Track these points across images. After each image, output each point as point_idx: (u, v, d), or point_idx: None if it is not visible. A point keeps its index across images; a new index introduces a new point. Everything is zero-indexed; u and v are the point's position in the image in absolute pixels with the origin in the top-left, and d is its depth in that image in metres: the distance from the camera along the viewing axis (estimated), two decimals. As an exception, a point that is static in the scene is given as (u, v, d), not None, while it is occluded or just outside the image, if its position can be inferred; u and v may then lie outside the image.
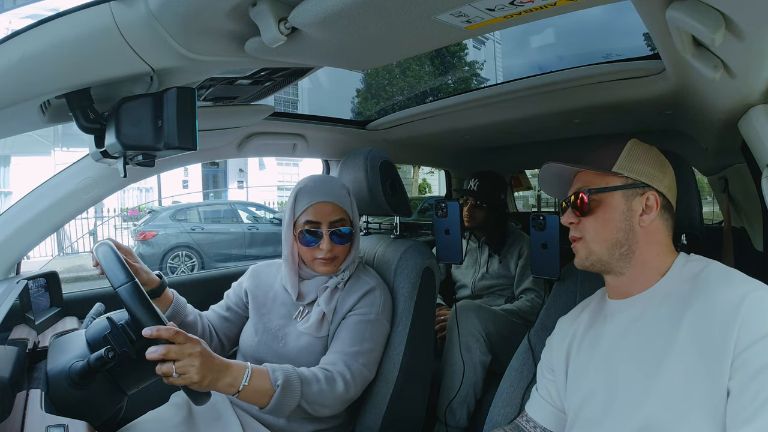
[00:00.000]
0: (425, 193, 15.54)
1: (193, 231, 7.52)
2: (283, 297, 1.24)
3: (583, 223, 0.83)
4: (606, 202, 0.81)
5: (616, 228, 0.80)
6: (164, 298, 1.19)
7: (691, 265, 0.78)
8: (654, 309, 0.77)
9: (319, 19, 0.68)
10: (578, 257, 0.85)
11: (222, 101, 1.30)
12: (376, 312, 1.18)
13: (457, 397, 1.60)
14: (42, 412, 0.78)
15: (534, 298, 1.92)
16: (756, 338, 0.63)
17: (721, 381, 0.65)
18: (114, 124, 0.81)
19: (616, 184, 0.81)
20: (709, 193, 2.58)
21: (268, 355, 1.16)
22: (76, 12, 0.70)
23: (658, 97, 1.22)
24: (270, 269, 1.32)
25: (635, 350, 0.76)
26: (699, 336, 0.69)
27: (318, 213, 1.16)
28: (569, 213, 0.85)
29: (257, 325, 1.22)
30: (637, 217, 0.80)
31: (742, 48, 0.66)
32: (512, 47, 13.53)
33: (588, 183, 0.84)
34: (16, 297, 0.98)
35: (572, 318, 0.94)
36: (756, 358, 0.63)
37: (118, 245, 1.04)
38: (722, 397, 0.65)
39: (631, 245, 0.80)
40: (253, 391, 0.94)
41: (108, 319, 0.94)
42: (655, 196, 0.81)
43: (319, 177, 1.25)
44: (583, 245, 0.84)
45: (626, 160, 0.82)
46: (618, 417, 0.75)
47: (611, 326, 0.82)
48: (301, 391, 0.99)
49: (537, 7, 0.66)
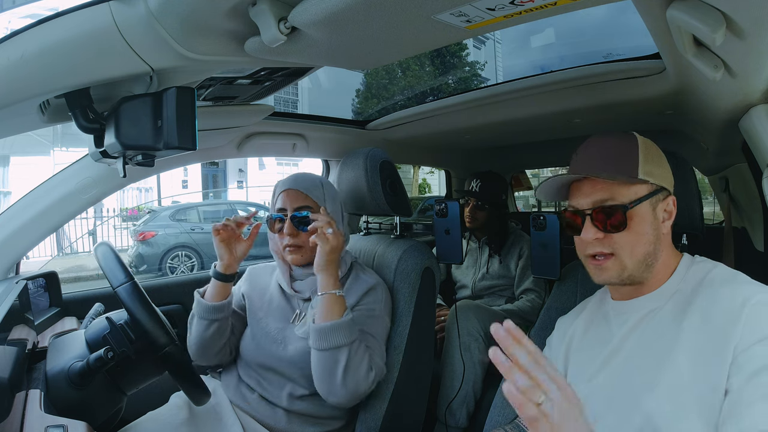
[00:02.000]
0: (425, 193, 15.54)
1: (193, 231, 7.51)
2: (278, 300, 1.23)
3: (612, 238, 0.76)
4: (638, 214, 0.75)
5: (647, 240, 0.76)
6: (230, 287, 1.20)
7: (697, 267, 0.78)
8: (660, 309, 0.77)
9: (319, 19, 0.68)
10: (606, 275, 0.77)
11: (221, 101, 1.30)
12: (380, 309, 1.18)
13: (456, 398, 1.60)
14: (41, 413, 0.78)
15: (534, 299, 1.92)
16: (756, 340, 0.64)
17: (720, 380, 0.65)
18: (113, 123, 0.80)
19: (644, 194, 0.76)
20: (709, 193, 2.57)
21: (268, 359, 1.15)
22: (75, 12, 0.69)
23: (659, 96, 1.22)
24: (265, 271, 1.32)
25: (639, 349, 0.76)
26: (702, 336, 0.69)
27: (284, 200, 1.19)
28: (591, 228, 0.76)
29: (255, 329, 1.21)
30: (661, 225, 0.77)
31: (743, 47, 0.66)
32: (513, 48, 13.54)
33: (613, 194, 0.75)
34: (16, 297, 0.98)
35: (571, 318, 0.94)
36: (756, 358, 0.63)
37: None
38: (720, 397, 0.65)
39: (657, 254, 0.77)
40: (335, 302, 1.05)
41: (107, 320, 0.94)
42: (673, 200, 0.79)
43: (297, 172, 1.27)
44: (615, 263, 0.76)
45: (647, 163, 0.76)
46: (619, 414, 0.75)
47: (615, 327, 0.82)
48: (358, 339, 1.06)
49: (537, 7, 0.66)
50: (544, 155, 2.57)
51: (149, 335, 0.89)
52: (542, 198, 0.88)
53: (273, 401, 1.15)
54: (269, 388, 1.15)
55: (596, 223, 0.76)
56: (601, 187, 0.76)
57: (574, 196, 0.80)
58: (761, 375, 0.62)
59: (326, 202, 1.20)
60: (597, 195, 0.76)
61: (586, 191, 0.78)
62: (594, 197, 0.77)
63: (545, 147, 2.18)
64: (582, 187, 0.79)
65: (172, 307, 1.63)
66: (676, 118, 1.48)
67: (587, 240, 0.77)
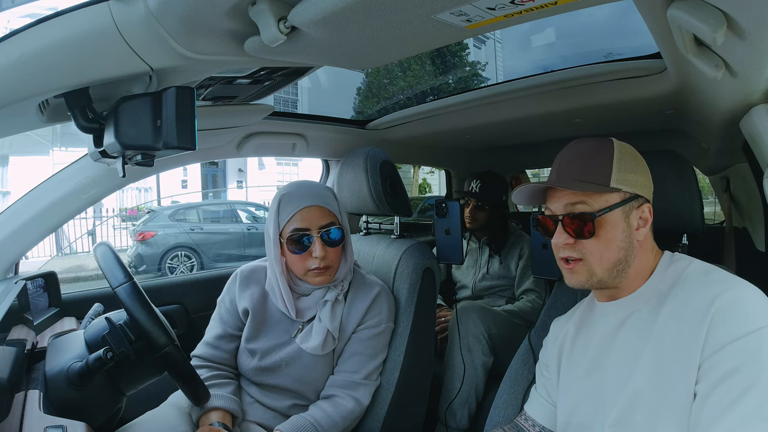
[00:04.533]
0: (425, 193, 15.53)
1: (193, 231, 7.50)
2: (278, 314, 1.17)
3: (582, 243, 0.77)
4: (607, 222, 0.75)
5: (617, 247, 0.76)
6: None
7: (675, 266, 0.77)
8: (639, 310, 0.76)
9: (318, 18, 0.67)
10: (576, 279, 0.79)
11: (221, 100, 1.30)
12: (385, 321, 1.18)
13: (457, 398, 1.60)
14: (40, 413, 0.78)
15: (535, 299, 1.92)
16: (723, 343, 0.63)
17: (689, 384, 0.65)
18: (113, 123, 0.80)
19: (615, 202, 0.76)
20: (710, 193, 2.57)
21: (270, 377, 1.12)
22: (74, 11, 0.69)
23: (659, 96, 1.22)
24: (257, 275, 1.21)
25: (620, 352, 0.76)
26: (673, 337, 0.69)
27: (305, 219, 1.09)
28: (562, 233, 0.78)
29: (253, 346, 1.14)
30: (634, 232, 0.77)
31: (744, 47, 0.65)
32: (513, 48, 13.54)
33: (583, 200, 0.76)
34: (15, 297, 0.98)
35: (564, 320, 0.94)
36: (722, 363, 0.62)
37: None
38: (690, 401, 0.64)
39: (629, 260, 0.77)
40: None
41: (106, 320, 0.94)
42: (649, 207, 0.78)
43: (301, 182, 1.18)
44: (584, 267, 0.77)
45: (620, 171, 0.76)
46: (602, 419, 0.75)
47: (599, 329, 0.82)
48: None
49: (537, 6, 0.66)
50: (545, 155, 2.56)
51: (148, 335, 0.88)
52: (518, 202, 0.89)
53: (272, 407, 1.14)
54: (270, 402, 1.14)
55: (567, 228, 0.77)
56: (573, 194, 0.77)
57: (549, 200, 0.82)
58: (727, 381, 0.61)
59: (341, 213, 1.16)
60: (569, 200, 0.78)
61: (559, 197, 0.79)
62: (565, 202, 0.78)
63: (545, 147, 2.18)
64: (556, 192, 0.80)
65: (171, 307, 1.62)
66: (677, 118, 1.48)
67: (558, 244, 0.79)
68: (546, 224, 0.81)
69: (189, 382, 0.96)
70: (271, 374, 1.13)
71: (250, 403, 1.15)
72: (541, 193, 0.84)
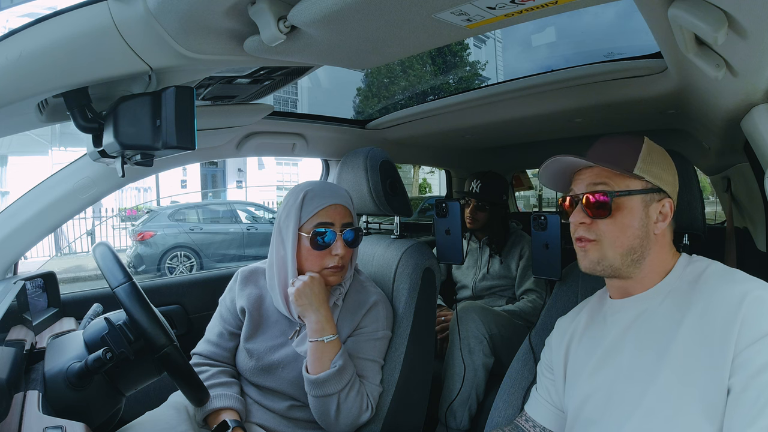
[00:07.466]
0: (425, 193, 15.53)
1: (192, 231, 7.50)
2: (275, 315, 1.17)
3: (597, 225, 0.79)
4: (626, 206, 0.77)
5: (633, 234, 0.77)
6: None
7: (694, 266, 0.78)
8: (656, 307, 0.77)
9: (318, 18, 0.67)
10: (587, 260, 0.80)
11: (221, 100, 1.30)
12: (382, 326, 1.18)
13: (458, 399, 1.59)
14: (39, 414, 0.77)
15: (535, 299, 1.92)
16: (757, 337, 0.64)
17: (722, 378, 0.65)
18: (112, 123, 0.80)
19: (637, 188, 0.78)
20: (711, 193, 2.57)
21: (267, 379, 1.13)
22: (73, 11, 0.69)
23: (660, 96, 1.22)
24: (257, 277, 1.22)
25: (636, 347, 0.76)
26: (700, 333, 0.69)
27: (332, 215, 1.11)
28: (580, 212, 0.80)
29: (251, 346, 1.15)
30: (652, 224, 0.78)
31: (745, 47, 0.65)
32: (514, 47, 13.54)
33: (606, 182, 0.79)
34: (14, 298, 0.98)
35: (571, 318, 0.94)
36: (757, 357, 0.63)
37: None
38: (721, 394, 0.65)
39: (644, 251, 0.78)
40: (324, 351, 1.05)
41: (106, 320, 0.93)
42: (671, 203, 0.80)
43: (324, 182, 1.20)
44: (597, 248, 0.79)
45: (646, 162, 0.79)
46: (618, 413, 0.75)
47: (612, 325, 0.82)
48: (349, 384, 1.06)
49: (538, 6, 0.65)
50: (545, 155, 2.55)
51: (148, 336, 0.88)
52: (543, 180, 0.91)
53: (271, 409, 1.14)
54: (268, 402, 1.14)
55: (585, 208, 0.80)
56: (598, 174, 0.80)
57: (574, 182, 0.85)
58: (763, 374, 0.62)
59: (355, 216, 1.19)
60: (591, 180, 0.81)
61: (583, 178, 0.83)
62: (588, 182, 0.81)
63: (546, 146, 2.18)
64: (581, 174, 0.84)
65: (170, 307, 1.62)
66: (678, 118, 1.48)
67: (575, 223, 0.81)
68: (566, 206, 0.84)
69: (188, 382, 0.95)
70: (268, 376, 1.13)
71: (250, 404, 1.15)
72: (566, 178, 0.87)
